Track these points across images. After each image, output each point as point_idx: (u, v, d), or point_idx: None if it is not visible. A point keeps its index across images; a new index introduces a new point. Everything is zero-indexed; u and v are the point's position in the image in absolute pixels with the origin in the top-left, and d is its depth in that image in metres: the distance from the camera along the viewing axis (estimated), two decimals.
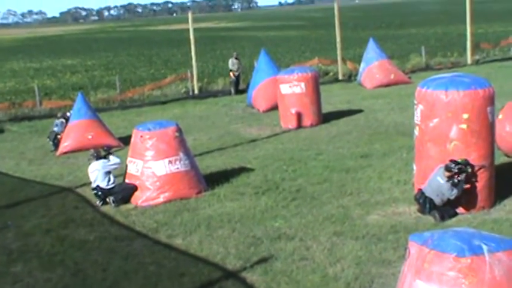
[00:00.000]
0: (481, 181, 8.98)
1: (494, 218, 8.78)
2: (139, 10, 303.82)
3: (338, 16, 25.39)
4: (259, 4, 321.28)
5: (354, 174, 11.42)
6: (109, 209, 10.57)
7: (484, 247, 4.54)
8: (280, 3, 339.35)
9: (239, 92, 23.24)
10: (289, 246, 8.29)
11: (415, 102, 9.17)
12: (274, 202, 10.15)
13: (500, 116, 11.21)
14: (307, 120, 16.28)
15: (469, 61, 27.53)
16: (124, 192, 10.76)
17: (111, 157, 11.07)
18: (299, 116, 16.22)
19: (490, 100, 8.85)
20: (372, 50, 23.00)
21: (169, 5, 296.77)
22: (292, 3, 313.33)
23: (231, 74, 24.01)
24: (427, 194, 8.92)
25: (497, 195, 9.29)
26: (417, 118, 9.15)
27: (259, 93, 19.36)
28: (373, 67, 22.55)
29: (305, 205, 9.93)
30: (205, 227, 9.28)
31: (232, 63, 24.03)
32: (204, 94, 23.89)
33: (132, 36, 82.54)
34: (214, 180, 11.45)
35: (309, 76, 16.51)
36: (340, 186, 10.78)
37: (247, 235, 8.80)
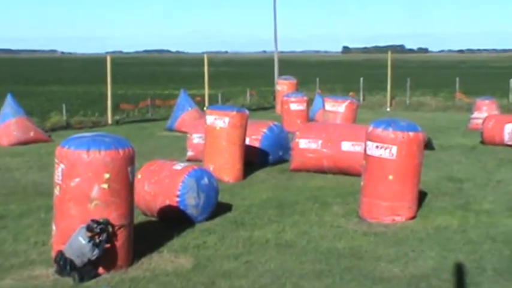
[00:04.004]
0: (120, 240, 9.05)
1: (132, 276, 8.89)
2: None
3: None
4: None
5: None
6: None
7: None
8: None
9: None
10: None
11: (56, 161, 8.96)
12: None
13: (139, 176, 11.54)
14: None
15: (109, 121, 28.08)
16: None
17: None
18: None
19: (131, 160, 9.05)
20: (9, 106, 22.12)
21: None
22: None
23: None
24: (68, 255, 8.69)
25: (135, 254, 9.43)
26: (58, 177, 8.93)
27: None
28: (11, 124, 21.66)
29: None
30: None
31: None
32: None
33: None
34: None
35: None
36: None
37: None
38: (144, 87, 53.05)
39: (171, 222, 11.36)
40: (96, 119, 28.25)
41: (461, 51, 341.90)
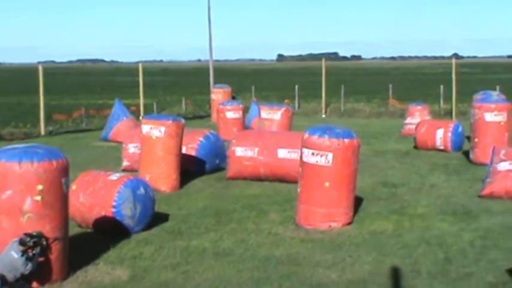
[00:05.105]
0: (55, 253, 8.86)
1: None
2: None
3: None
4: None
5: None
6: None
7: None
8: None
9: None
10: None
11: None
12: None
13: (74, 187, 11.33)
14: None
15: (42, 132, 27.55)
16: None
17: None
18: None
19: (64, 171, 8.88)
20: None
21: None
22: None
23: None
24: None
25: (70, 267, 9.25)
26: None
27: None
28: None
29: None
30: None
31: None
32: None
33: None
34: None
35: None
36: None
37: None
38: (77, 97, 52.28)
39: (107, 233, 11.19)
40: (28, 130, 27.67)
41: (393, 58, 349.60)
